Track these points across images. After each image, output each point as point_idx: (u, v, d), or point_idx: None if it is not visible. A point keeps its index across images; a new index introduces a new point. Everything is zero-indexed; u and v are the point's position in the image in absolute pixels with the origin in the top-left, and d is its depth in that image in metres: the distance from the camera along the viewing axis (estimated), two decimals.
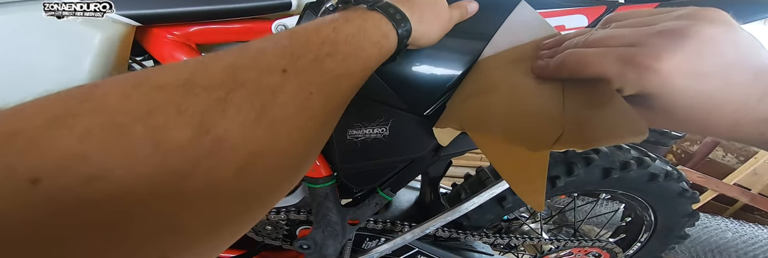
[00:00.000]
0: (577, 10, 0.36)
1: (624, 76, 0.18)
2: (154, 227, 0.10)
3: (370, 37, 0.22)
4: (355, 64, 0.20)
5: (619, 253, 0.66)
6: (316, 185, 0.41)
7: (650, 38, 0.18)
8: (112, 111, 0.10)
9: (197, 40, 0.36)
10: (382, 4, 0.24)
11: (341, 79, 0.19)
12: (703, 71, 0.18)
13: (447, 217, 0.45)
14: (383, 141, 0.37)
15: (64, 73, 0.32)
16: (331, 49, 0.18)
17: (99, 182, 0.09)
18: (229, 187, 0.12)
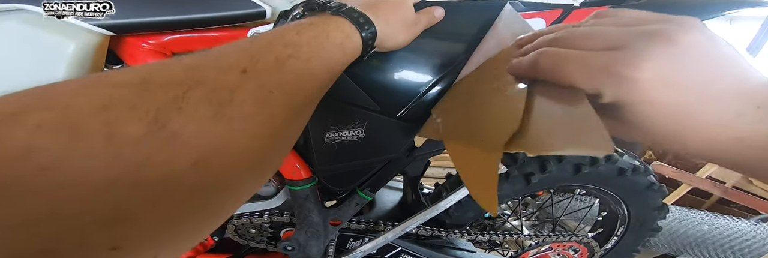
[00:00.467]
0: (535, 14, 0.39)
1: (600, 86, 0.17)
2: (108, 215, 0.11)
3: (333, 40, 0.23)
4: (319, 65, 0.21)
5: (595, 247, 0.69)
6: (297, 187, 0.42)
7: (634, 40, 0.17)
8: (65, 107, 0.11)
9: (173, 49, 0.37)
10: (346, 8, 0.25)
11: (304, 79, 0.20)
12: (683, 82, 0.16)
13: (426, 216, 0.46)
14: (359, 143, 0.39)
15: (39, 83, 0.32)
16: (293, 50, 0.19)
17: (50, 173, 0.10)
18: (186, 180, 0.13)
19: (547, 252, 0.66)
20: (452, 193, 0.47)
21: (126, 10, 0.32)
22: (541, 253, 0.66)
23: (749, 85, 0.17)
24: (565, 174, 0.56)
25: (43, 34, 0.30)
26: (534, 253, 0.65)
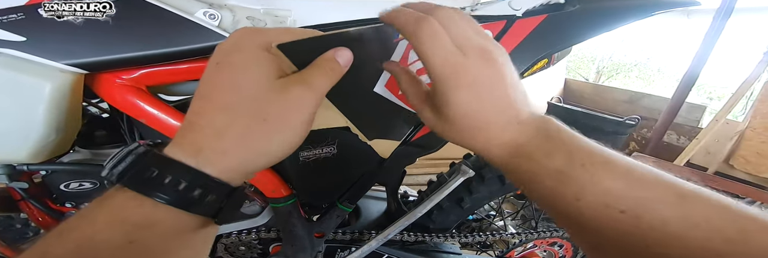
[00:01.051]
0: (484, 26, 0.42)
1: (441, 70, 0.23)
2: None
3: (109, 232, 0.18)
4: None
5: None
6: (279, 204, 0.44)
7: (472, 49, 0.23)
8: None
9: (147, 83, 0.39)
10: (136, 168, 0.19)
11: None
12: (481, 89, 0.23)
13: (405, 222, 0.49)
14: (333, 159, 0.41)
15: (21, 123, 0.34)
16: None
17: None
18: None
19: (532, 249, 0.68)
20: (427, 200, 0.49)
21: (97, 47, 0.34)
22: (527, 250, 0.68)
23: (515, 102, 0.24)
24: None
25: (19, 76, 0.32)
26: (520, 252, 0.67)
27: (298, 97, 0.21)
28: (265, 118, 0.20)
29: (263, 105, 0.20)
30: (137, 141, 0.21)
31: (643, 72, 5.79)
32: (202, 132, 0.20)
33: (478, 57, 0.23)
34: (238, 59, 0.20)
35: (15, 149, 0.35)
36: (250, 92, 0.20)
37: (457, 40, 0.23)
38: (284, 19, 0.44)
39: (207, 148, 0.19)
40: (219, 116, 0.20)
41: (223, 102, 0.20)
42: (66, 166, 0.43)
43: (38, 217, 0.52)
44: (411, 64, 0.38)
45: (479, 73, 0.23)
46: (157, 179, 0.18)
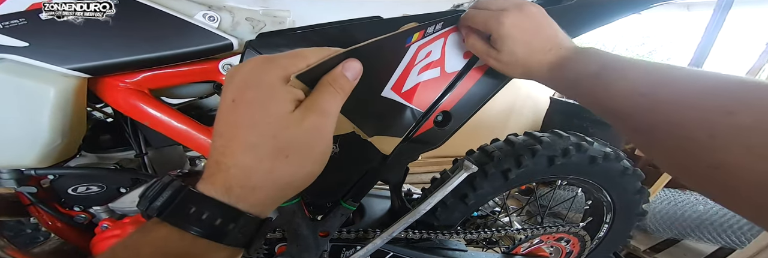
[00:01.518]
0: None
1: (491, 25, 0.34)
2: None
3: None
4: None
5: (585, 236, 0.71)
6: (283, 204, 0.44)
7: (508, 6, 0.34)
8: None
9: (149, 86, 0.40)
10: (172, 205, 0.20)
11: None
12: (525, 27, 0.33)
13: (409, 219, 0.49)
14: (335, 157, 0.41)
15: (27, 128, 0.34)
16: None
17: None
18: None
19: (538, 245, 0.68)
20: (430, 196, 0.49)
21: (98, 51, 0.34)
22: (533, 246, 0.68)
23: (557, 34, 0.34)
24: (541, 167, 0.58)
25: (23, 81, 0.32)
26: (526, 247, 0.67)
27: (315, 126, 0.21)
28: (288, 154, 0.20)
29: (284, 142, 0.20)
30: (169, 173, 0.22)
31: None
32: (229, 172, 0.20)
33: (514, 9, 0.33)
34: (253, 96, 0.20)
35: (22, 154, 0.35)
36: (270, 130, 0.20)
37: (493, 7, 0.34)
38: (283, 19, 0.44)
39: (237, 187, 0.20)
40: (243, 157, 0.20)
41: (245, 142, 0.20)
42: (73, 171, 0.44)
43: (48, 221, 0.52)
44: (417, 64, 0.38)
45: (518, 18, 0.33)
46: (195, 215, 0.20)
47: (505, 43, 0.34)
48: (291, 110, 0.21)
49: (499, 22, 0.33)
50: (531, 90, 1.93)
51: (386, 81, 0.35)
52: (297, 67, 0.21)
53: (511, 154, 0.58)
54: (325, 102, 0.22)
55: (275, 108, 0.20)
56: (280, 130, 0.20)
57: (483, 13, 0.35)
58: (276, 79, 0.21)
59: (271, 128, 0.20)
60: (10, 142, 0.34)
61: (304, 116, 0.21)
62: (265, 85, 0.20)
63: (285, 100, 0.20)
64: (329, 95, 0.22)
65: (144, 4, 0.34)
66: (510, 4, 0.34)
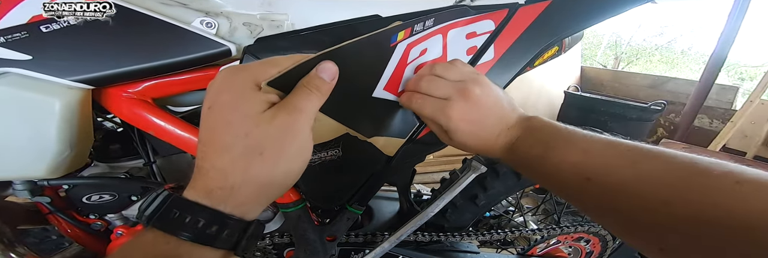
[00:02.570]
0: (484, 17, 0.41)
1: (438, 117, 0.32)
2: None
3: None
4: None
5: (606, 235, 0.68)
6: (288, 209, 0.43)
7: (453, 94, 0.32)
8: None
9: (152, 95, 0.40)
10: (161, 210, 0.21)
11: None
12: (471, 118, 0.32)
13: (418, 222, 0.47)
14: (338, 161, 0.40)
15: (35, 140, 0.35)
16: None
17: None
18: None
19: (556, 245, 0.65)
20: (439, 198, 0.48)
21: (99, 62, 0.34)
22: (550, 247, 0.65)
23: (503, 116, 0.33)
24: None
25: (29, 94, 0.33)
26: (542, 248, 0.65)
27: (286, 123, 0.21)
28: (261, 152, 0.21)
29: (256, 140, 0.21)
30: (164, 185, 0.24)
31: (666, 55, 5.50)
32: (208, 174, 0.21)
33: (459, 98, 0.32)
34: (226, 100, 0.21)
35: (32, 165, 0.36)
36: (242, 129, 0.21)
37: (438, 94, 0.33)
38: (281, 23, 0.44)
39: (216, 188, 0.21)
40: (219, 159, 0.21)
41: (221, 144, 0.21)
42: (84, 180, 0.45)
43: (67, 228, 0.54)
44: (410, 63, 0.37)
45: (463, 110, 0.32)
46: (179, 219, 0.20)
47: (455, 135, 0.33)
48: (263, 110, 0.21)
49: (447, 115, 0.32)
50: (544, 84, 1.88)
51: (375, 81, 0.34)
52: (268, 73, 0.22)
53: None
54: (298, 101, 0.22)
55: (246, 108, 0.21)
56: (251, 128, 0.21)
57: (429, 104, 0.33)
58: (247, 84, 0.21)
59: (243, 127, 0.21)
60: (21, 155, 0.35)
61: (275, 114, 0.21)
62: (236, 89, 0.21)
63: (256, 102, 0.21)
64: (303, 94, 0.23)
65: (142, 13, 0.34)
66: (453, 90, 0.32)
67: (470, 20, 0.40)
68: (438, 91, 0.33)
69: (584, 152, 0.26)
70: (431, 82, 0.33)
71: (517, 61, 0.45)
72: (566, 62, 2.32)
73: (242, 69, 0.22)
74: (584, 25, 0.46)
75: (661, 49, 5.49)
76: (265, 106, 0.21)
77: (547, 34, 0.45)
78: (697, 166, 0.21)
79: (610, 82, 2.47)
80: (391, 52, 0.34)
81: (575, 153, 0.27)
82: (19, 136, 0.34)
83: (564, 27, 0.45)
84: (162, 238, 0.20)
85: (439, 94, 0.33)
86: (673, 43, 5.51)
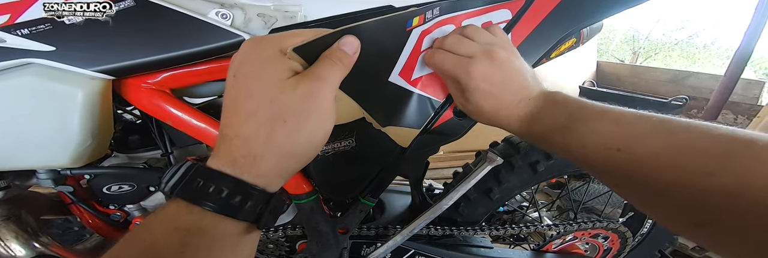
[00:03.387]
0: (501, 6, 0.40)
1: (458, 74, 0.32)
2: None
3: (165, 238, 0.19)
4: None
5: (625, 232, 0.66)
6: (301, 201, 0.44)
7: (478, 53, 0.31)
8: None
9: (170, 86, 0.40)
10: (185, 181, 0.20)
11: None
12: (493, 79, 0.31)
13: (431, 215, 0.47)
14: (352, 152, 0.40)
15: (58, 130, 0.36)
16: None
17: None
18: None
19: (572, 241, 0.64)
20: (452, 191, 0.47)
21: (120, 53, 0.35)
22: (566, 243, 0.64)
23: (525, 84, 0.32)
24: None
25: (53, 85, 0.34)
26: (558, 244, 0.63)
27: (309, 90, 0.21)
28: (285, 119, 0.21)
29: (279, 107, 0.21)
30: (186, 158, 0.23)
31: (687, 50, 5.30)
32: (232, 142, 0.21)
33: (483, 57, 0.31)
34: (249, 68, 0.22)
35: (56, 155, 0.37)
36: (265, 96, 0.21)
37: (462, 52, 0.32)
38: (294, 14, 0.44)
39: (240, 157, 0.21)
40: (243, 126, 0.21)
41: (244, 111, 0.21)
42: (105, 170, 0.46)
43: (88, 219, 0.56)
44: (423, 52, 0.36)
45: (487, 69, 0.31)
46: (203, 188, 0.20)
47: (473, 95, 0.31)
48: (286, 77, 0.21)
49: (467, 72, 0.31)
50: (558, 79, 1.84)
51: (392, 65, 0.34)
52: (291, 41, 0.22)
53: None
54: (321, 70, 0.22)
55: (270, 76, 0.21)
56: (275, 95, 0.21)
57: (451, 59, 0.32)
58: (271, 52, 0.22)
59: (267, 94, 0.21)
60: (44, 144, 0.36)
61: (299, 81, 0.21)
62: (260, 58, 0.22)
63: (279, 69, 0.21)
64: (326, 65, 0.23)
65: (160, 5, 0.35)
66: (478, 49, 0.31)
67: (486, 10, 0.39)
68: (462, 49, 0.32)
69: (615, 122, 0.25)
70: (458, 41, 0.32)
71: (533, 51, 0.44)
72: (581, 56, 2.25)
73: (266, 38, 0.23)
74: (605, 15, 0.44)
75: (682, 43, 5.30)
76: (289, 73, 0.21)
77: (565, 24, 0.43)
78: (738, 138, 0.20)
79: (628, 77, 2.39)
80: (407, 36, 0.34)
81: (605, 123, 0.25)
82: (43, 125, 0.35)
83: (584, 16, 0.43)
84: (185, 208, 0.20)
85: (463, 52, 0.31)
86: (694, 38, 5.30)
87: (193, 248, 0.19)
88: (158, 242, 0.19)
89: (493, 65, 0.30)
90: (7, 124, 0.34)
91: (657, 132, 0.23)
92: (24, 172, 0.46)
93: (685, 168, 0.20)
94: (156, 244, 0.19)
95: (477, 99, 0.31)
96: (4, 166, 0.38)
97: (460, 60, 0.31)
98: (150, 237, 0.19)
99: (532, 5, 0.41)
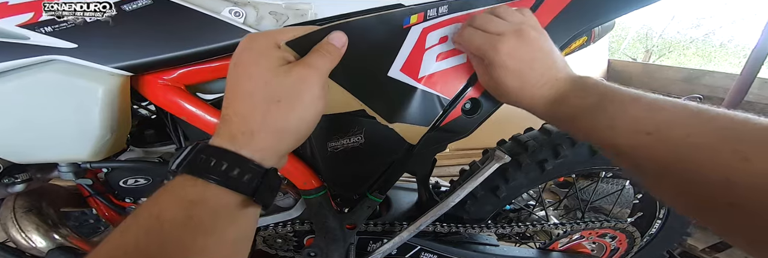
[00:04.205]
0: (511, 5, 0.40)
1: (485, 52, 0.32)
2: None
3: (174, 206, 0.21)
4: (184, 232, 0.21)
5: (633, 233, 0.65)
6: (310, 196, 0.44)
7: (507, 31, 0.31)
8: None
9: (185, 82, 0.42)
10: (191, 158, 0.23)
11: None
12: (521, 56, 0.31)
13: (437, 212, 0.47)
14: (361, 148, 0.41)
15: (80, 124, 0.37)
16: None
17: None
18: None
19: (578, 240, 0.64)
20: (459, 188, 0.47)
21: (139, 50, 0.36)
22: (573, 242, 0.64)
23: (554, 66, 0.32)
24: (581, 157, 0.54)
25: (75, 81, 0.35)
26: (564, 243, 0.63)
27: (301, 76, 0.24)
28: (279, 99, 0.24)
29: (274, 88, 0.24)
30: (196, 142, 0.25)
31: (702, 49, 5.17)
32: (232, 120, 0.24)
33: (512, 35, 0.31)
34: (248, 56, 0.25)
35: (77, 148, 0.39)
36: (262, 79, 0.24)
37: (491, 29, 0.32)
38: (305, 12, 0.44)
39: (238, 133, 0.24)
40: (241, 105, 0.24)
41: (243, 92, 0.24)
42: (123, 164, 0.47)
43: (105, 211, 0.58)
44: (428, 49, 0.37)
45: (515, 46, 0.31)
46: (205, 163, 0.22)
47: (498, 72, 0.32)
48: (281, 65, 0.24)
49: (495, 48, 0.31)
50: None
51: (390, 60, 0.35)
52: (284, 36, 0.25)
53: (547, 143, 0.55)
54: (312, 59, 0.25)
55: (266, 63, 0.24)
56: (270, 78, 0.24)
57: (479, 36, 0.32)
58: (267, 44, 0.25)
59: (262, 78, 0.24)
60: (67, 138, 0.38)
61: (291, 68, 0.24)
62: (257, 48, 0.25)
63: (275, 58, 0.24)
64: (317, 55, 0.26)
65: (177, 3, 0.36)
66: (508, 28, 0.31)
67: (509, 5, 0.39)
68: (492, 26, 0.32)
69: (649, 106, 0.25)
70: (489, 19, 0.33)
71: None
72: (592, 54, 2.22)
73: (263, 33, 0.26)
74: (617, 14, 0.44)
75: (697, 41, 5.16)
76: (282, 62, 0.25)
77: (576, 24, 0.43)
78: (764, 123, 0.20)
79: (640, 76, 2.34)
80: (405, 33, 0.35)
81: (638, 107, 0.25)
82: (65, 120, 0.36)
83: (594, 16, 0.43)
84: (190, 181, 0.22)
85: (492, 30, 0.32)
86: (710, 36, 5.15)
87: (197, 219, 0.21)
88: (165, 213, 0.21)
89: (522, 43, 0.31)
90: (31, 119, 0.36)
91: (692, 117, 0.23)
92: (46, 166, 0.48)
93: (720, 152, 0.20)
94: (162, 215, 0.21)
95: (502, 76, 0.32)
96: (29, 159, 0.39)
97: (490, 37, 0.31)
98: (157, 208, 0.21)
99: (542, 3, 0.40)
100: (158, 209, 0.21)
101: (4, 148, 0.38)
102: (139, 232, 0.20)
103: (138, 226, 0.21)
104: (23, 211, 0.50)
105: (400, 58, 0.36)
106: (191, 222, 0.21)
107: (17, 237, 0.49)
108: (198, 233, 0.21)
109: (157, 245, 0.20)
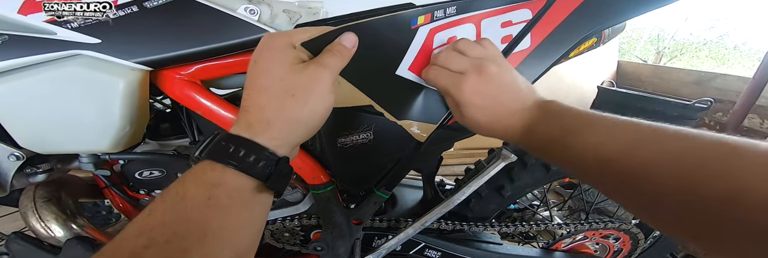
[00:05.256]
0: (521, 5, 0.40)
1: (451, 91, 0.33)
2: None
3: (196, 188, 0.23)
4: (201, 214, 0.23)
5: (638, 234, 0.65)
6: (318, 191, 0.46)
7: (469, 69, 0.32)
8: None
9: (201, 77, 0.43)
10: (210, 146, 0.25)
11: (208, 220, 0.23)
12: (485, 93, 0.32)
13: (442, 209, 0.48)
14: (369, 144, 0.42)
15: (101, 117, 0.39)
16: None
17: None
18: None
19: (582, 241, 0.64)
20: (464, 186, 0.48)
21: (158, 46, 0.37)
22: (576, 242, 0.64)
23: (519, 96, 0.32)
24: None
25: (98, 75, 0.36)
26: (567, 243, 0.64)
27: (314, 73, 0.27)
28: (293, 93, 0.26)
29: (289, 84, 0.26)
30: (214, 132, 0.28)
31: (715, 51, 5.06)
32: (250, 111, 0.27)
33: (473, 73, 0.32)
34: (267, 54, 0.27)
35: (98, 140, 0.40)
36: (278, 75, 0.26)
37: (453, 68, 0.33)
38: (317, 10, 0.45)
39: (255, 122, 0.26)
40: (259, 97, 0.26)
41: (261, 86, 0.27)
42: (139, 156, 0.49)
43: (119, 203, 0.59)
44: (436, 49, 0.38)
45: (477, 85, 0.32)
46: (224, 149, 0.25)
47: (467, 110, 0.33)
48: (296, 63, 0.27)
49: (459, 88, 0.32)
50: (576, 79, 1.80)
51: (398, 59, 0.37)
52: (300, 36, 0.28)
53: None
54: (324, 59, 0.28)
55: (283, 60, 0.27)
56: (286, 74, 0.26)
57: (444, 75, 0.33)
58: (284, 44, 0.27)
59: (279, 73, 0.26)
60: (89, 130, 0.39)
61: (306, 66, 0.27)
62: (275, 47, 0.27)
63: (290, 56, 0.27)
64: (329, 55, 0.28)
65: (195, 1, 0.37)
66: (469, 65, 0.32)
67: (505, 9, 0.40)
68: (453, 65, 0.33)
69: (606, 133, 0.26)
70: (449, 56, 0.34)
71: (553, 51, 0.44)
72: (601, 56, 2.19)
73: (280, 33, 0.29)
74: (628, 16, 0.44)
75: (710, 43, 5.05)
76: (297, 60, 0.27)
77: (587, 25, 0.43)
78: (727, 145, 0.20)
79: (650, 78, 2.31)
80: (413, 34, 0.36)
81: (596, 134, 0.26)
82: (88, 112, 0.38)
83: (606, 17, 0.43)
84: (210, 165, 0.24)
85: (454, 68, 0.33)
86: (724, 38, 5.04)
87: (215, 200, 0.23)
88: (188, 192, 0.23)
89: (484, 80, 0.32)
90: (56, 111, 0.37)
91: (646, 141, 0.23)
92: (66, 156, 0.50)
93: (675, 176, 0.20)
94: (186, 195, 0.23)
95: (472, 113, 0.33)
96: (53, 149, 0.41)
97: (453, 76, 0.33)
98: (182, 188, 0.24)
99: (553, 5, 0.41)
100: (183, 189, 0.23)
101: (29, 138, 0.40)
102: (165, 209, 0.23)
103: (164, 203, 0.23)
104: (43, 201, 0.51)
105: (408, 57, 0.37)
106: (210, 202, 0.23)
107: (37, 226, 0.50)
108: (217, 213, 0.23)
109: (181, 221, 0.22)
